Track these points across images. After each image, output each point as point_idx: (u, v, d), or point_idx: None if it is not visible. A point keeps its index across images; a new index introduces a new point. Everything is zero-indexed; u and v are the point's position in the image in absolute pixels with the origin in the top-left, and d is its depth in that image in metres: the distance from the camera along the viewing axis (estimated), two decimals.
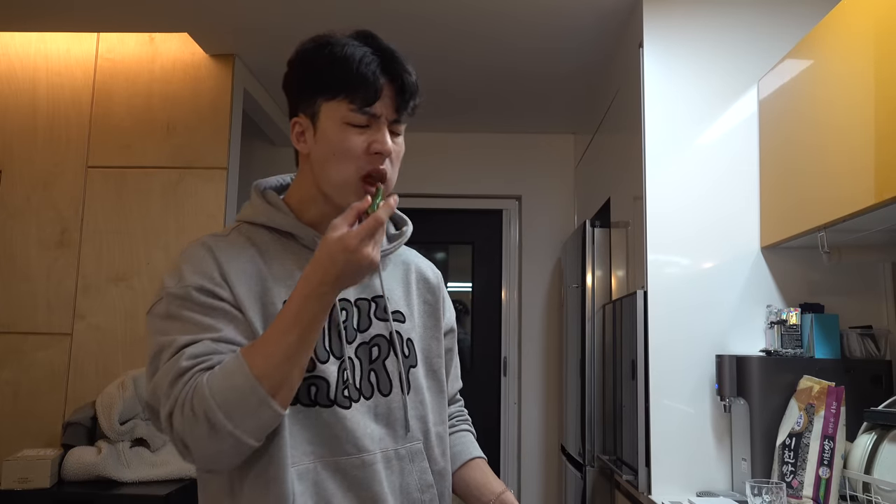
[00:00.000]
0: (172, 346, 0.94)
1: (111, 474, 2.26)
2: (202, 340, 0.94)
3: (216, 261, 1.01)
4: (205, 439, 0.90)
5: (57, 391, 2.79)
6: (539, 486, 3.72)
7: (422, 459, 1.10)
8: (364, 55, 1.00)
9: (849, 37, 1.73)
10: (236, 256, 1.03)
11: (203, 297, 0.97)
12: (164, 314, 0.98)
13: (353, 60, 0.99)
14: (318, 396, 1.01)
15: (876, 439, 1.69)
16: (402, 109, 1.03)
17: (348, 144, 1.00)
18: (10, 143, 2.95)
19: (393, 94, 1.02)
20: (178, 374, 0.91)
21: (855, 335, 2.06)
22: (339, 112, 1.00)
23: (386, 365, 1.08)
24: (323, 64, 1.01)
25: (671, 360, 2.15)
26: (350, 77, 0.99)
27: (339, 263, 0.90)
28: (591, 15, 2.54)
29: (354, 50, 1.01)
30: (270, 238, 1.07)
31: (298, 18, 2.63)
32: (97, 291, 2.84)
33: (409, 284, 1.19)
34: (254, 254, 1.04)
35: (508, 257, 4.02)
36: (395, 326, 1.11)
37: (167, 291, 0.99)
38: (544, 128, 3.85)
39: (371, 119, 1.01)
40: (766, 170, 2.18)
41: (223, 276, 1.00)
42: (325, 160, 1.02)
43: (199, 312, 0.96)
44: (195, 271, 0.99)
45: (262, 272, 1.03)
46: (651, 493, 2.10)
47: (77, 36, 3.01)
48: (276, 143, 3.87)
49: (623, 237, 2.62)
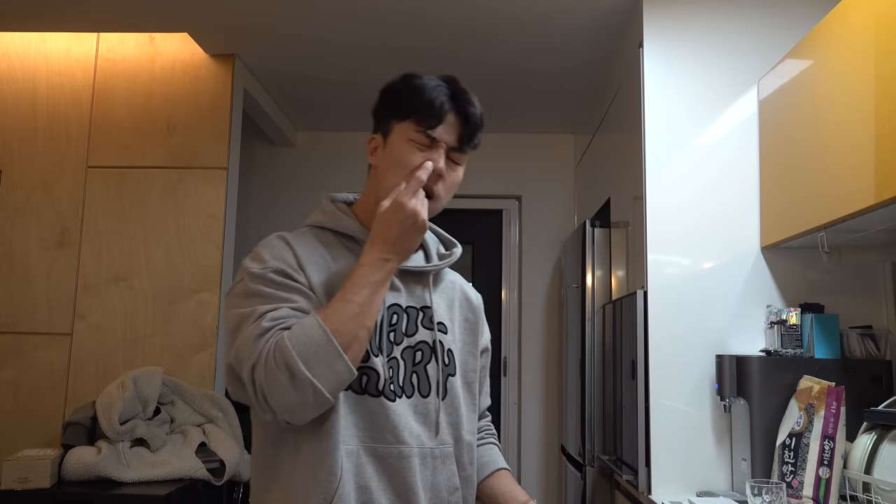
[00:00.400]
0: (254, 314, 1.05)
1: (111, 474, 2.26)
2: (281, 307, 1.06)
3: (293, 251, 1.14)
4: (285, 388, 0.99)
5: (57, 391, 2.79)
6: (539, 486, 3.72)
7: (451, 463, 1.17)
8: (437, 86, 1.15)
9: (849, 37, 1.73)
10: (308, 250, 1.15)
11: (280, 278, 1.09)
12: (244, 292, 1.09)
13: (425, 89, 1.14)
14: (367, 386, 1.10)
15: (876, 439, 1.69)
16: (464, 140, 1.16)
17: (408, 158, 1.13)
18: (10, 143, 2.95)
19: (458, 124, 1.15)
20: (260, 333, 1.02)
21: (855, 335, 2.06)
22: (407, 132, 1.14)
23: (427, 369, 1.18)
24: (400, 90, 1.17)
25: (671, 360, 2.15)
26: (420, 102, 1.13)
27: (393, 224, 1.08)
28: (591, 15, 2.55)
29: (429, 81, 1.15)
30: (336, 241, 1.20)
31: (298, 18, 2.63)
32: (97, 291, 2.84)
33: (453, 302, 1.29)
34: (323, 252, 1.17)
35: (508, 257, 4.02)
36: (438, 336, 1.21)
37: (249, 272, 1.10)
38: (544, 128, 3.85)
39: (432, 142, 1.14)
40: (766, 169, 2.18)
41: (299, 264, 1.12)
42: (387, 170, 1.16)
43: (278, 288, 1.08)
44: (274, 256, 1.12)
45: (329, 267, 1.15)
46: (651, 493, 2.10)
47: (77, 36, 3.01)
48: (276, 143, 3.87)
49: (623, 237, 2.62)
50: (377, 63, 3.03)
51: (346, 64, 3.04)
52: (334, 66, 3.08)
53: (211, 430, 2.59)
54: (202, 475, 2.38)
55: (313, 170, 3.90)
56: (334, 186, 3.93)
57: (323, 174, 3.89)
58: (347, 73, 3.14)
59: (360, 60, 3.00)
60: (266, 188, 3.90)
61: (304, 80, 3.25)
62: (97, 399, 2.45)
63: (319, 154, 3.92)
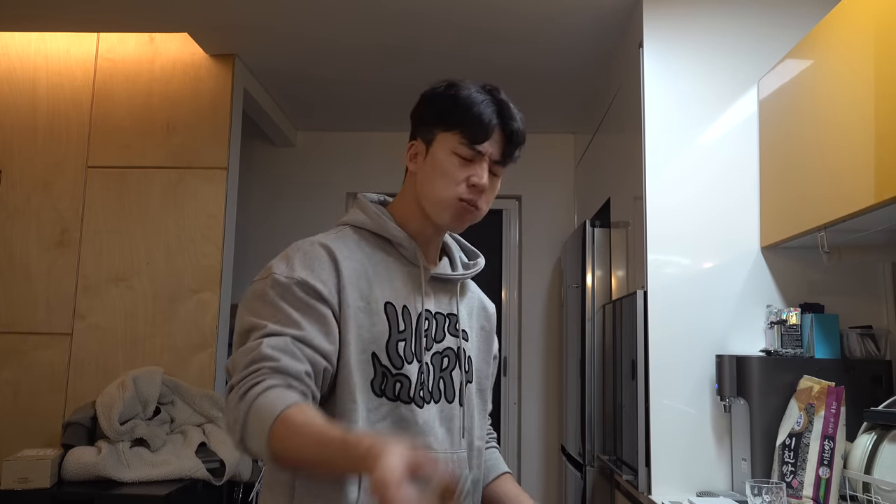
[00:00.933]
0: (261, 330, 1.03)
1: (111, 474, 2.26)
2: (285, 336, 1.02)
3: (334, 262, 1.10)
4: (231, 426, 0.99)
5: (57, 391, 2.79)
6: (539, 486, 3.72)
7: (465, 467, 1.18)
8: (484, 100, 1.13)
9: (849, 36, 1.73)
10: (350, 256, 1.12)
11: (301, 293, 1.05)
12: (261, 295, 1.06)
13: (474, 102, 1.12)
14: (400, 392, 1.10)
15: (876, 439, 1.69)
16: (506, 155, 1.16)
17: (451, 170, 1.13)
18: (10, 143, 2.95)
19: (502, 139, 1.14)
20: (252, 361, 1.00)
21: (855, 335, 2.06)
22: (451, 143, 1.13)
23: (452, 376, 1.19)
24: (448, 101, 1.14)
25: (671, 360, 2.15)
26: (468, 116, 1.12)
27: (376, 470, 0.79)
28: (591, 15, 2.55)
29: (477, 95, 1.14)
30: (374, 242, 1.18)
31: (298, 18, 2.63)
32: (97, 291, 2.84)
33: (472, 310, 1.31)
34: (362, 257, 1.14)
35: (508, 257, 4.02)
36: (462, 343, 1.22)
37: (273, 277, 1.07)
38: (544, 128, 3.85)
39: (476, 155, 1.13)
40: (766, 169, 2.18)
41: (339, 285, 1.08)
42: (430, 180, 1.15)
43: (293, 306, 1.04)
44: (305, 266, 1.08)
45: (367, 272, 1.13)
46: (651, 493, 2.10)
47: (77, 36, 3.01)
48: (276, 143, 3.87)
49: (623, 237, 2.62)
50: (377, 63, 3.03)
51: (347, 64, 3.04)
52: (334, 66, 3.08)
53: (211, 430, 2.59)
54: (202, 475, 2.38)
55: (313, 170, 3.90)
56: (334, 186, 3.96)
57: (323, 174, 3.89)
58: (348, 72, 3.14)
59: (360, 60, 3.00)
60: (266, 188, 3.90)
61: (305, 80, 3.25)
62: (97, 399, 2.45)
63: (319, 154, 3.92)
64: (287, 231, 3.82)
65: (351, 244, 1.15)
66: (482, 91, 1.14)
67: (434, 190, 1.14)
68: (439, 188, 1.13)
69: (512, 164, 1.18)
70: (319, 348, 1.03)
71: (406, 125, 1.22)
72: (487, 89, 1.15)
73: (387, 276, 1.14)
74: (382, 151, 3.84)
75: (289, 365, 0.99)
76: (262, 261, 4.12)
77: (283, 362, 0.99)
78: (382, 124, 3.77)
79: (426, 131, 1.16)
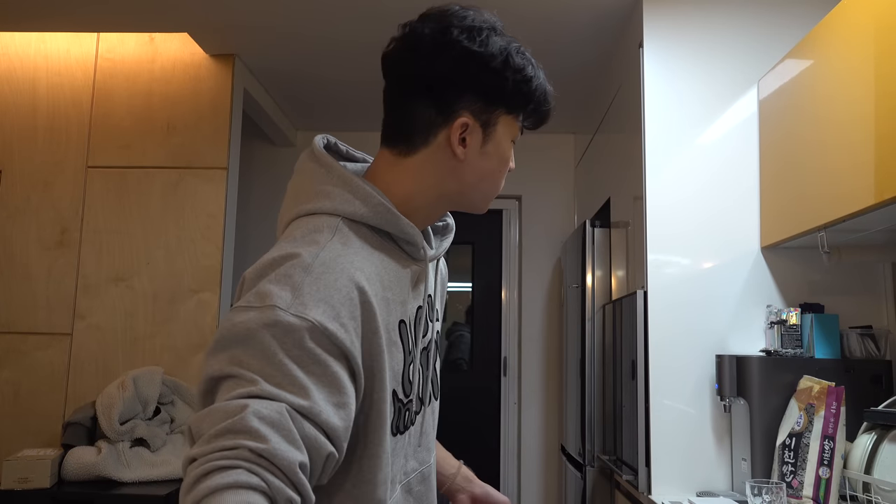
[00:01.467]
0: (247, 387, 0.72)
1: (111, 474, 2.26)
2: (280, 403, 0.71)
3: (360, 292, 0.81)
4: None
5: (57, 391, 2.79)
6: (539, 486, 3.72)
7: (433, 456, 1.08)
8: (542, 78, 0.96)
9: (849, 36, 1.73)
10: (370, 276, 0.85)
11: (313, 345, 0.75)
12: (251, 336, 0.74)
13: (541, 87, 0.96)
14: (407, 420, 0.93)
15: (876, 439, 1.69)
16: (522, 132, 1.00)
17: (510, 158, 0.97)
18: (10, 143, 2.95)
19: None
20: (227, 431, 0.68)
21: (855, 335, 2.06)
22: (513, 129, 0.96)
23: (437, 369, 1.03)
24: (516, 80, 0.93)
25: (671, 360, 2.15)
26: (539, 104, 0.96)
27: None
28: (591, 14, 2.54)
29: (537, 73, 0.96)
30: (375, 242, 0.91)
31: (298, 18, 2.63)
32: (97, 291, 2.84)
33: (438, 276, 1.10)
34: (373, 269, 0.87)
35: (508, 257, 4.02)
36: (436, 325, 1.05)
37: (276, 312, 0.75)
38: (544, 128, 3.83)
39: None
40: (767, 169, 2.18)
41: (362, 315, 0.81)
42: (489, 172, 0.95)
43: (298, 363, 0.74)
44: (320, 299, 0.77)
45: (384, 291, 0.88)
46: (651, 493, 2.10)
47: (77, 36, 3.01)
48: (276, 142, 3.87)
49: (623, 237, 2.62)
50: (378, 63, 3.01)
51: (347, 63, 3.04)
52: (335, 66, 3.08)
53: None
54: None
55: None
56: None
57: None
58: (348, 72, 3.14)
59: (360, 60, 3.00)
60: (266, 188, 3.91)
61: (305, 80, 3.25)
62: (97, 399, 2.46)
63: None
64: None
65: (363, 253, 0.87)
66: (535, 65, 0.96)
67: (491, 184, 0.96)
68: (496, 182, 0.96)
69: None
70: (326, 425, 0.74)
71: None
72: (537, 64, 0.97)
73: (397, 287, 0.91)
74: None
75: (277, 450, 0.68)
76: None
77: (271, 445, 0.68)
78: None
79: (484, 110, 0.93)
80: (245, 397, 0.70)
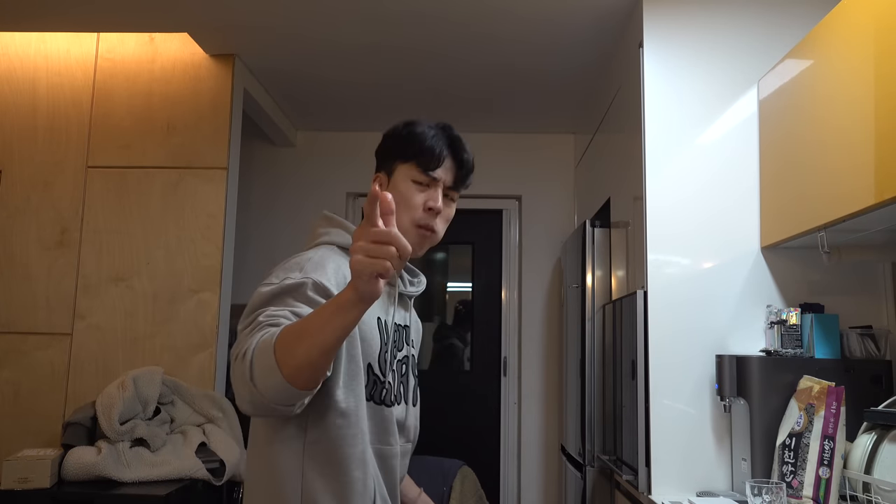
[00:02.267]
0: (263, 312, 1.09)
1: (111, 474, 2.26)
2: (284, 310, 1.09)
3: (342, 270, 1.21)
4: (240, 378, 1.01)
5: (57, 391, 2.79)
6: (539, 486, 3.72)
7: (406, 458, 1.38)
8: (435, 133, 1.31)
9: (849, 36, 1.73)
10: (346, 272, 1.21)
11: (312, 293, 1.13)
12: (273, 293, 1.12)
13: (426, 136, 1.30)
14: (384, 397, 1.26)
15: (876, 439, 1.69)
16: (458, 180, 1.32)
17: (411, 197, 1.28)
18: (10, 143, 2.95)
19: (453, 166, 1.31)
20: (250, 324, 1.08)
21: (855, 335, 2.06)
22: (410, 172, 1.29)
23: (408, 379, 1.36)
24: (404, 135, 1.32)
25: (671, 360, 2.16)
26: (422, 147, 1.29)
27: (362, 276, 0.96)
28: (591, 15, 2.55)
29: (428, 130, 1.31)
30: None
31: (298, 18, 2.63)
32: (97, 291, 2.84)
33: (415, 322, 1.48)
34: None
35: (508, 257, 4.02)
36: (412, 350, 1.40)
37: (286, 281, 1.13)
38: (544, 128, 3.85)
39: (431, 181, 1.29)
40: (766, 169, 2.18)
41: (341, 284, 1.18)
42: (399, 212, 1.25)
43: (302, 301, 1.12)
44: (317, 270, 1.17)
45: None
46: (651, 493, 2.10)
47: (77, 36, 3.01)
48: (276, 143, 3.87)
49: (623, 237, 2.62)
50: (378, 63, 3.03)
51: (347, 64, 3.04)
52: (335, 66, 3.08)
53: (211, 430, 2.59)
54: (202, 475, 2.38)
55: (313, 170, 3.91)
56: (334, 186, 3.95)
57: (323, 174, 3.90)
58: (348, 72, 3.14)
59: (360, 60, 3.00)
60: (266, 188, 3.91)
61: (305, 80, 3.25)
62: (97, 399, 2.45)
63: (319, 154, 3.92)
64: (287, 231, 3.82)
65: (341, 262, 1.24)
66: (434, 127, 1.32)
67: (401, 221, 1.26)
68: (400, 216, 1.26)
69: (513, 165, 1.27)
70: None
71: None
72: (440, 126, 1.32)
73: None
74: None
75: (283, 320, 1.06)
76: (262, 261, 4.12)
77: (279, 320, 1.07)
78: (382, 124, 3.72)
79: (387, 164, 1.32)
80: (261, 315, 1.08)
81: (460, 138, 1.33)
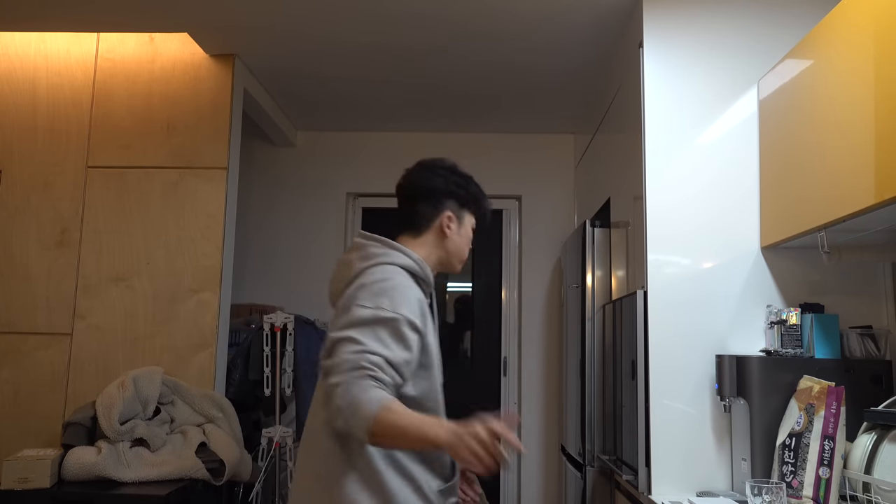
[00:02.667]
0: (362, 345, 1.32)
1: (111, 474, 2.26)
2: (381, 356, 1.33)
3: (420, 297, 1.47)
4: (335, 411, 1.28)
5: (57, 391, 2.79)
6: (539, 486, 3.72)
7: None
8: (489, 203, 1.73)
9: (849, 36, 1.73)
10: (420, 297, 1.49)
11: (405, 329, 1.38)
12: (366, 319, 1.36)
13: (488, 203, 1.73)
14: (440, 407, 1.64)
15: (876, 439, 1.69)
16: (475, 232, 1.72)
17: (469, 240, 1.69)
18: (10, 143, 2.95)
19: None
20: (353, 367, 1.29)
21: (855, 335, 2.06)
22: (471, 222, 1.70)
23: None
24: (477, 195, 1.69)
25: (671, 360, 2.15)
26: (486, 211, 1.72)
27: (457, 438, 1.25)
28: (591, 14, 2.55)
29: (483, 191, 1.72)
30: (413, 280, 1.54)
31: (299, 18, 2.63)
32: (97, 291, 2.84)
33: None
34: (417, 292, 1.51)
35: (508, 257, 4.02)
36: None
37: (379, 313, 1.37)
38: (544, 128, 3.85)
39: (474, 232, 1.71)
40: (766, 169, 2.18)
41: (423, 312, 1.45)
42: (461, 245, 1.66)
43: (394, 338, 1.36)
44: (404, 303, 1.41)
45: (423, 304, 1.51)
46: (651, 493, 2.10)
47: (77, 36, 3.01)
48: (276, 143, 3.87)
49: (623, 237, 2.62)
50: (378, 62, 3.03)
51: (347, 63, 3.04)
52: (335, 66, 3.08)
53: (211, 430, 2.59)
54: (202, 475, 2.38)
55: (313, 170, 3.91)
56: (334, 186, 3.96)
57: (323, 174, 3.90)
58: (348, 72, 3.14)
59: (360, 59, 3.00)
60: (266, 188, 3.91)
61: (305, 80, 3.25)
62: (97, 399, 2.45)
63: (319, 154, 3.92)
64: (287, 231, 3.82)
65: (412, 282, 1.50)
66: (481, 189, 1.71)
67: (461, 251, 1.66)
68: (464, 250, 1.67)
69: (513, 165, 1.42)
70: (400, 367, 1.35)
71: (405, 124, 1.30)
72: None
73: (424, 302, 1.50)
74: (382, 151, 3.84)
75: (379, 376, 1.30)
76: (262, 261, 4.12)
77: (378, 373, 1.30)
78: (382, 124, 3.77)
79: (460, 209, 1.65)
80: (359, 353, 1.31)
81: None
